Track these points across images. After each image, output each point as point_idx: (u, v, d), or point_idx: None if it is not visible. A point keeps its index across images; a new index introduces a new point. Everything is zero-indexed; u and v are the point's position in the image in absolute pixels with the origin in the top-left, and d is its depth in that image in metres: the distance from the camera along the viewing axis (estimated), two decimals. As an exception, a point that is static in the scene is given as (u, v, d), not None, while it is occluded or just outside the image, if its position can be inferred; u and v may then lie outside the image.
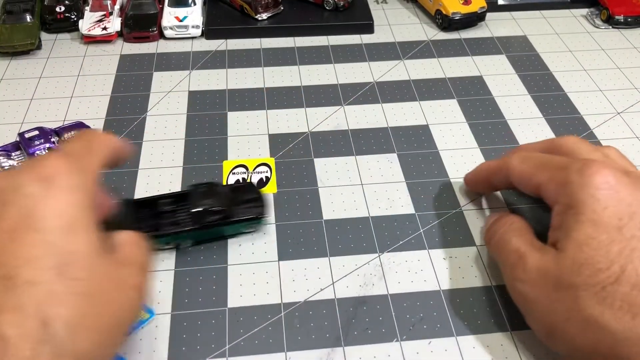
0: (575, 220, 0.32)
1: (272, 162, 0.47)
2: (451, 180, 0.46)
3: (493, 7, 0.66)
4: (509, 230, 0.36)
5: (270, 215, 0.43)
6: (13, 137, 0.48)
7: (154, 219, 0.39)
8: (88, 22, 0.60)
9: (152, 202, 0.40)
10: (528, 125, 0.51)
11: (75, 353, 0.25)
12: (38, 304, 0.24)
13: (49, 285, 0.25)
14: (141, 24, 0.61)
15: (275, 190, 0.45)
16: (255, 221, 0.41)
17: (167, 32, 0.61)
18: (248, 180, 0.45)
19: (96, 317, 0.26)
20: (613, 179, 0.32)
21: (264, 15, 0.62)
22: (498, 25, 0.65)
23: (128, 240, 0.32)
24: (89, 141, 0.33)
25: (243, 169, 0.46)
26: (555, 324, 0.32)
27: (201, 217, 0.39)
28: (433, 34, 0.63)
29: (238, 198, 0.41)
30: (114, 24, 0.60)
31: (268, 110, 0.53)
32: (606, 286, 0.30)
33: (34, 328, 0.24)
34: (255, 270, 0.39)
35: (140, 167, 0.46)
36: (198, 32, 0.61)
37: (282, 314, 0.37)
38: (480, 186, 0.44)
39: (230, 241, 0.41)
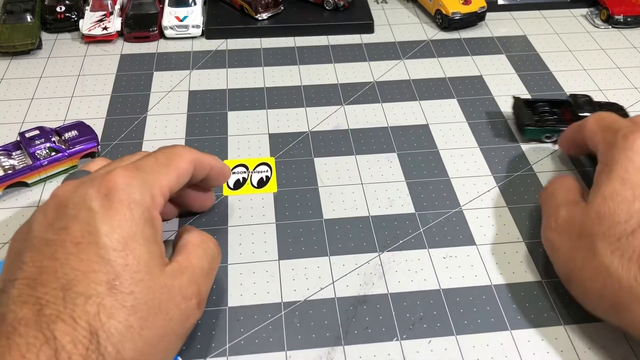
0: (607, 177, 0.35)
1: (272, 161, 0.47)
2: (451, 179, 0.46)
3: (493, 7, 0.66)
4: (558, 186, 0.39)
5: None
6: (14, 137, 0.48)
7: (540, 115, 0.49)
8: (88, 22, 0.60)
9: (536, 103, 0.50)
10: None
11: None
12: (88, 315, 0.27)
13: (100, 299, 0.27)
14: (141, 23, 0.61)
15: (275, 189, 0.45)
16: None
17: (168, 32, 0.61)
18: None
19: (143, 329, 0.28)
20: None
21: (264, 15, 0.62)
22: (498, 25, 0.65)
23: (193, 242, 0.34)
24: (167, 155, 0.34)
25: (243, 169, 0.47)
26: (572, 269, 0.35)
27: (578, 119, 0.45)
28: (433, 33, 0.63)
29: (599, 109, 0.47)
30: (115, 23, 0.60)
31: (268, 110, 0.53)
32: (621, 238, 0.32)
33: (84, 337, 0.26)
34: (256, 270, 0.39)
35: (140, 167, 0.46)
36: (198, 31, 0.61)
37: (282, 313, 0.37)
38: (570, 147, 0.45)
39: (230, 241, 0.41)
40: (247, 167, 0.47)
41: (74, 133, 0.47)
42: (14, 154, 0.45)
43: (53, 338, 0.25)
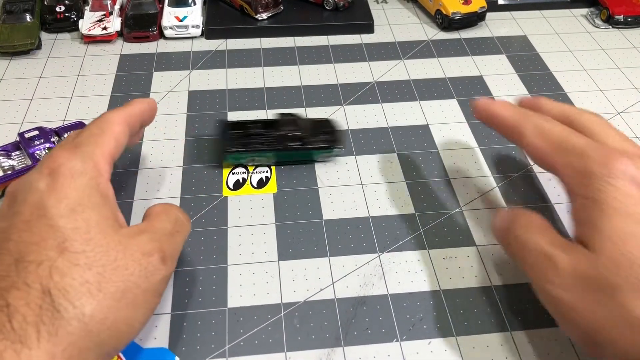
0: (601, 214, 0.30)
1: (272, 162, 0.47)
2: (451, 180, 0.46)
3: (493, 7, 0.66)
4: (528, 229, 0.34)
5: (343, 145, 0.47)
6: (13, 137, 0.48)
7: (245, 138, 0.45)
8: (88, 22, 0.60)
9: (243, 125, 0.47)
10: (528, 125, 0.51)
11: (78, 317, 0.27)
12: (41, 278, 0.27)
13: (51, 262, 0.28)
14: (141, 23, 0.61)
15: (275, 190, 0.45)
16: (328, 151, 0.46)
17: (167, 32, 0.61)
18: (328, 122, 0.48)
19: (101, 283, 0.28)
20: (634, 168, 0.30)
21: (264, 15, 0.62)
22: (498, 25, 0.65)
23: (156, 210, 0.35)
24: (98, 125, 0.35)
25: (243, 169, 0.46)
26: (597, 329, 0.29)
27: (284, 141, 0.45)
28: (433, 33, 0.63)
29: (317, 130, 0.47)
30: (114, 23, 0.60)
31: (268, 110, 0.53)
32: None
33: (37, 297, 0.27)
34: (255, 270, 0.39)
35: (140, 167, 0.46)
36: (198, 32, 0.61)
37: (282, 314, 0.37)
38: (486, 123, 0.40)
39: (230, 241, 0.41)
40: (246, 168, 0.47)
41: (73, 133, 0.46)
42: (13, 154, 0.45)
43: (7, 305, 0.26)
